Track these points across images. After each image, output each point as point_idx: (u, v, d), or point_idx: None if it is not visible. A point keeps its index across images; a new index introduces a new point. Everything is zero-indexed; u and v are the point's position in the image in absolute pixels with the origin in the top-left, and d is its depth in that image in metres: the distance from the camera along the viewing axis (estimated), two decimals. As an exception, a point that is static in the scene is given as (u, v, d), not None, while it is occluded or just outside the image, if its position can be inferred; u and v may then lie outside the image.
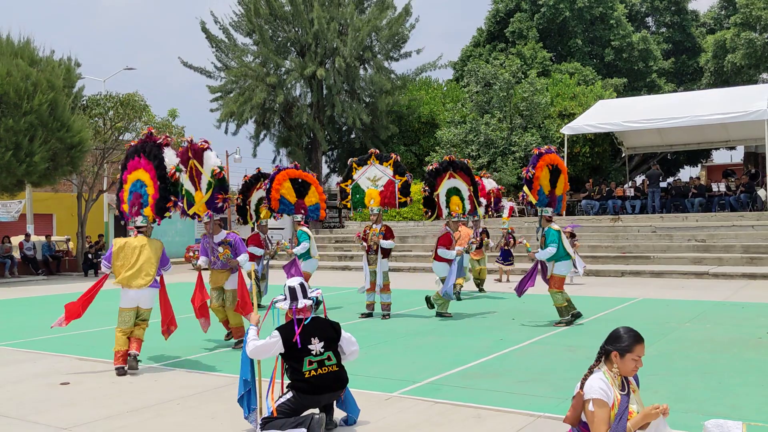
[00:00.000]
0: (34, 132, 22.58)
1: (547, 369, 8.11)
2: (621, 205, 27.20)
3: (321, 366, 5.80)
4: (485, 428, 5.93)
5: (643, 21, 45.76)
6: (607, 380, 4.14)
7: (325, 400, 5.87)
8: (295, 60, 36.64)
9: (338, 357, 5.96)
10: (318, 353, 5.81)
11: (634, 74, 40.74)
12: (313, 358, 5.79)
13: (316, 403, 5.84)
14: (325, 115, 36.47)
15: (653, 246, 22.25)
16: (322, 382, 5.78)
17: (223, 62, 38.00)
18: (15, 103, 22.12)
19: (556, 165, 11.84)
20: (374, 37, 36.71)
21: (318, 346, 5.82)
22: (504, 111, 33.49)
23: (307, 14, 35.79)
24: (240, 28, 37.74)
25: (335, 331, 6.00)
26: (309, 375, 5.75)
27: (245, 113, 36.39)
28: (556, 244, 11.20)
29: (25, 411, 6.75)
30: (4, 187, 24.38)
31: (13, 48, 23.72)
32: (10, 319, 13.94)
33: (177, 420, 6.36)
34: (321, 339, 5.86)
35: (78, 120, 24.85)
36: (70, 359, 9.37)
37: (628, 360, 4.18)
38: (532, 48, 39.46)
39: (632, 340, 4.22)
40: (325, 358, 5.84)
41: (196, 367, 8.68)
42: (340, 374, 5.92)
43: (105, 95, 31.89)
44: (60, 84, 23.95)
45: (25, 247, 26.28)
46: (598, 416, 4.05)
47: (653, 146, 31.99)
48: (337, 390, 5.89)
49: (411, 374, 7.95)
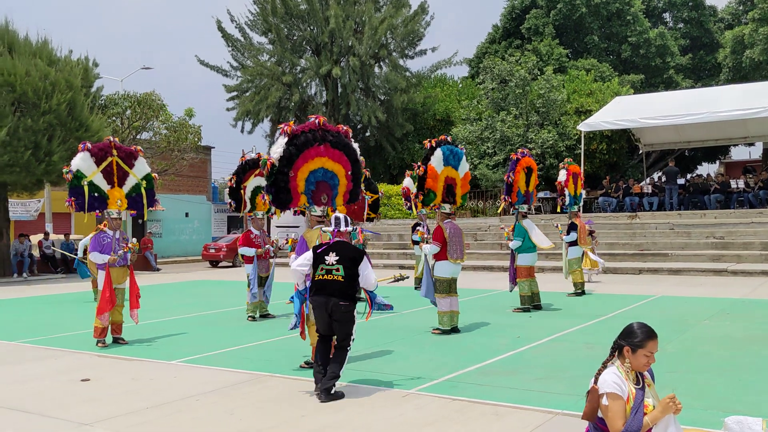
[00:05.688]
0: (53, 131, 22.76)
1: (565, 366, 8.10)
2: (638, 202, 27.03)
3: (328, 273, 7.12)
4: (503, 425, 5.93)
5: (661, 17, 45.48)
6: (620, 374, 4.14)
7: (324, 302, 7.04)
8: (311, 59, 36.73)
9: (349, 273, 7.11)
10: (330, 264, 7.15)
11: (651, 70, 40.50)
12: (324, 266, 7.17)
13: (323, 305, 7.05)
14: (340, 113, 36.54)
15: (671, 243, 22.11)
16: (325, 285, 7.10)
17: (239, 61, 38.17)
18: (34, 102, 22.30)
19: (529, 166, 13.31)
20: (390, 35, 36.73)
21: (332, 259, 7.17)
22: (520, 108, 33.39)
23: (323, 13, 35.86)
24: (256, 27, 37.90)
25: (357, 254, 7.27)
26: (318, 278, 7.18)
27: (261, 112, 36.54)
28: (521, 238, 12.80)
29: (46, 407, 6.83)
30: (24, 186, 24.61)
31: (31, 48, 23.90)
32: (31, 316, 14.08)
33: (196, 416, 6.42)
34: (338, 255, 7.18)
35: (96, 119, 25.01)
36: (90, 356, 9.46)
37: (640, 356, 4.16)
38: (548, 44, 39.31)
39: (645, 335, 4.20)
40: (334, 269, 7.13)
41: (215, 363, 8.73)
42: (343, 285, 7.09)
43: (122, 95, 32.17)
44: (78, 84, 24.11)
45: (44, 246, 26.50)
46: (612, 410, 4.05)
47: (671, 143, 31.76)
48: (336, 297, 7.02)
49: (428, 371, 7.97)
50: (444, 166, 10.73)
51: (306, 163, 8.37)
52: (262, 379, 7.77)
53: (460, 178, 11.10)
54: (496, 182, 31.69)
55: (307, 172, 8.41)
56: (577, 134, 30.09)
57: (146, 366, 8.75)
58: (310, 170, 8.42)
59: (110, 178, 10.34)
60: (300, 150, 8.28)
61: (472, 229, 26.59)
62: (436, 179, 10.60)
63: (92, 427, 6.16)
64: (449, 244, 10.57)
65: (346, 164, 8.74)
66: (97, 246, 10.10)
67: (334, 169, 8.64)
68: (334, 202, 8.80)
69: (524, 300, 12.90)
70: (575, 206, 15.64)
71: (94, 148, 10.26)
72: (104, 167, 10.25)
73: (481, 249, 24.90)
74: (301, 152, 8.29)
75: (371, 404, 6.66)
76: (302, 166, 8.35)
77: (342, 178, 8.74)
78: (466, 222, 28.15)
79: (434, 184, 10.59)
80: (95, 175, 10.16)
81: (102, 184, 10.24)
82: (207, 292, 18.53)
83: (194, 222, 39.14)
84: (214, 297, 16.86)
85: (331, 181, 8.65)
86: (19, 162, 21.80)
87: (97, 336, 10.09)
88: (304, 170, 8.38)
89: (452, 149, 10.92)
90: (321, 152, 8.44)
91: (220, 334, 11.11)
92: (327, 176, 8.60)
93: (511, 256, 13.18)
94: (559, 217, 23.70)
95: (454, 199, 11.04)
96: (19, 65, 22.29)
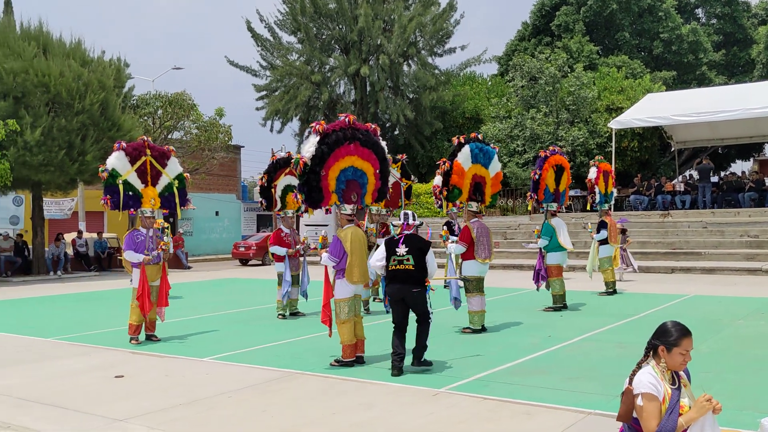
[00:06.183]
0: (86, 131, 23.09)
1: (597, 366, 8.03)
2: (670, 200, 26.71)
3: (400, 263, 8.02)
4: (535, 425, 5.90)
5: (693, 12, 44.88)
6: (656, 374, 4.09)
7: (399, 289, 7.98)
8: (340, 58, 36.79)
9: (418, 262, 7.96)
10: (401, 255, 8.02)
11: (683, 67, 39.99)
12: (396, 257, 8.06)
13: (397, 291, 7.99)
14: (369, 112, 36.57)
15: (704, 242, 21.83)
16: (397, 274, 8.02)
17: (269, 61, 38.35)
18: (67, 103, 22.63)
19: (560, 164, 13.08)
20: (418, 33, 36.67)
21: (402, 250, 8.04)
22: (550, 105, 33.16)
23: (352, 12, 35.91)
24: (285, 26, 38.05)
25: (424, 245, 8.11)
26: (391, 268, 8.07)
27: (290, 111, 36.70)
28: (549, 237, 12.63)
29: (81, 403, 6.93)
30: (58, 186, 24.97)
31: (65, 49, 24.26)
32: (65, 313, 14.29)
33: (229, 413, 6.47)
34: (407, 247, 8.05)
35: (128, 119, 25.33)
36: (123, 353, 9.58)
37: (676, 354, 4.11)
38: (578, 41, 38.99)
39: (679, 333, 4.14)
40: (405, 259, 8.01)
41: (246, 360, 8.79)
42: (413, 273, 7.97)
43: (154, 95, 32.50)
44: (110, 84, 24.42)
45: (77, 244, 26.88)
46: (647, 410, 4.00)
47: (704, 140, 31.34)
48: (408, 283, 7.94)
49: (458, 370, 7.95)
50: (472, 164, 10.62)
51: (337, 162, 8.41)
52: (294, 377, 7.81)
53: (490, 177, 10.99)
54: (526, 180, 31.49)
55: (338, 171, 8.45)
56: (608, 132, 29.81)
57: (179, 363, 8.84)
58: (340, 169, 8.47)
59: (144, 177, 10.46)
60: (331, 149, 8.32)
61: (501, 227, 26.48)
62: (462, 176, 10.52)
63: (127, 422, 6.24)
64: (476, 243, 10.50)
65: (375, 162, 8.77)
66: (131, 244, 10.22)
67: (363, 168, 8.67)
68: (363, 200, 8.82)
69: (556, 299, 12.81)
70: (606, 204, 15.50)
71: (129, 148, 10.37)
72: (138, 166, 10.36)
73: (511, 248, 24.77)
74: (333, 151, 8.33)
75: (402, 402, 6.67)
76: (333, 164, 8.39)
77: (371, 177, 8.77)
78: (496, 220, 28.04)
79: (460, 180, 10.51)
80: (130, 174, 10.27)
81: (136, 183, 10.36)
82: (237, 290, 18.67)
83: (224, 220, 39.45)
84: (245, 295, 16.99)
85: (360, 179, 8.69)
86: (53, 161, 22.14)
87: (132, 333, 10.22)
88: (335, 169, 8.41)
89: (482, 147, 10.83)
90: (351, 151, 8.47)
91: (251, 331, 11.19)
92: (357, 175, 8.64)
93: (540, 255, 13.04)
94: (589, 216, 23.51)
95: (482, 197, 10.93)
96: (54, 66, 22.63)
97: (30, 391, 7.48)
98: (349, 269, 8.30)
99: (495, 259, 13.64)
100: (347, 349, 8.32)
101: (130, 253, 10.18)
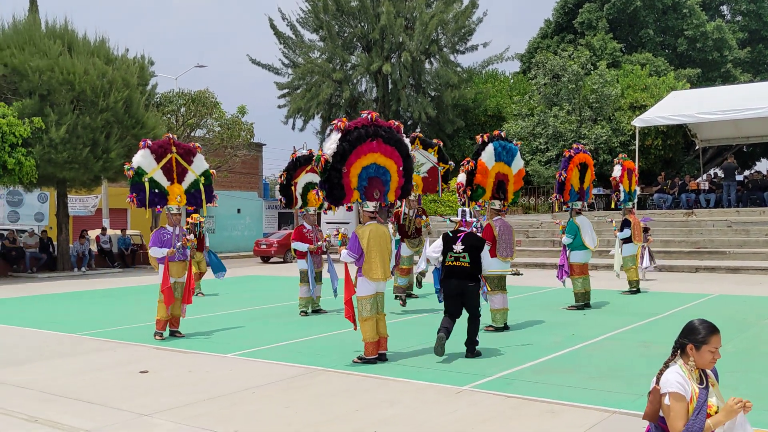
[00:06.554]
0: (110, 129, 23.25)
1: (621, 365, 7.98)
2: (695, 199, 26.47)
3: (456, 260, 8.60)
4: (559, 423, 5.87)
5: (718, 9, 44.36)
6: (683, 374, 4.05)
7: (455, 285, 8.57)
8: (361, 55, 36.83)
9: (474, 259, 8.56)
10: (457, 252, 8.60)
11: (708, 64, 39.55)
12: (453, 254, 8.64)
13: (455, 287, 8.57)
14: (391, 109, 36.56)
15: (729, 241, 21.61)
16: (453, 270, 8.61)
17: (291, 59, 38.46)
18: (92, 100, 22.81)
19: (584, 162, 13.11)
20: (440, 30, 36.60)
21: (458, 248, 8.61)
22: (573, 103, 32.97)
23: (374, 9, 35.92)
24: (307, 24, 38.13)
25: (479, 243, 8.74)
26: (448, 264, 8.67)
27: (312, 109, 36.78)
28: (573, 235, 12.72)
29: (107, 397, 6.99)
30: (82, 183, 25.18)
31: (89, 47, 24.44)
32: (89, 309, 14.42)
33: (253, 408, 6.50)
34: (463, 244, 8.61)
35: (152, 117, 25.47)
36: (148, 348, 9.65)
37: (705, 352, 4.07)
38: (601, 39, 38.69)
39: (708, 331, 4.10)
40: (461, 256, 8.58)
41: (269, 357, 8.83)
42: (469, 270, 8.56)
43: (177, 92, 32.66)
44: (134, 82, 24.58)
45: (101, 241, 27.12)
46: (674, 410, 3.96)
47: (728, 138, 31.02)
48: (465, 279, 8.53)
49: (481, 368, 7.93)
50: (495, 162, 10.61)
51: (359, 159, 8.40)
52: (316, 374, 7.83)
53: (512, 174, 10.97)
54: (549, 179, 31.35)
55: (359, 168, 8.44)
56: (632, 130, 29.58)
57: (202, 359, 8.89)
58: (362, 166, 8.45)
59: (170, 174, 10.51)
60: (353, 146, 8.31)
61: (523, 225, 26.38)
62: (486, 175, 10.49)
63: (152, 417, 6.29)
64: (499, 241, 10.50)
65: (398, 160, 8.75)
66: (157, 242, 10.31)
67: (386, 165, 8.65)
68: (386, 197, 8.82)
69: (578, 297, 12.78)
70: (630, 203, 15.39)
71: (155, 145, 10.43)
72: (164, 164, 10.42)
73: (533, 246, 24.68)
74: (354, 148, 8.32)
75: (425, 400, 6.66)
76: (355, 162, 8.38)
77: (394, 174, 8.75)
78: (518, 219, 27.93)
79: (483, 179, 10.49)
80: (155, 172, 10.32)
81: (162, 181, 10.42)
82: (259, 287, 18.75)
83: (246, 218, 39.58)
84: (266, 292, 17.06)
85: (383, 176, 8.67)
86: (77, 159, 22.33)
87: (160, 328, 10.29)
88: (357, 166, 8.40)
89: (505, 145, 10.80)
90: (373, 148, 8.46)
91: (273, 328, 11.23)
92: (379, 172, 8.62)
93: (563, 250, 13.04)
94: (612, 214, 23.35)
95: (505, 195, 10.92)
96: (78, 64, 22.82)
97: (56, 385, 7.56)
98: (369, 267, 8.30)
99: (517, 257, 13.61)
100: (370, 346, 8.33)
101: (155, 249, 10.27)
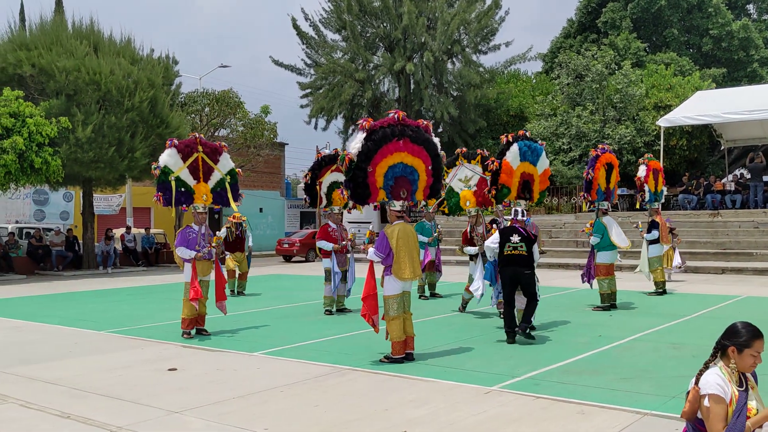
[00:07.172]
0: (135, 128, 23.44)
1: (651, 366, 7.91)
2: (720, 199, 26.18)
3: (514, 249, 9.57)
4: (590, 425, 5.83)
5: (744, 8, 43.91)
6: (723, 376, 4.00)
7: (513, 271, 9.58)
8: (384, 55, 36.85)
9: (529, 249, 9.58)
10: (515, 242, 9.57)
11: (734, 64, 39.16)
12: (510, 244, 9.59)
13: (513, 273, 9.58)
14: (413, 109, 36.52)
15: (756, 242, 21.36)
16: (511, 258, 9.59)
17: (313, 59, 38.56)
18: (117, 100, 23.00)
19: (610, 162, 13.08)
20: (463, 30, 36.52)
21: (515, 239, 9.59)
22: (596, 103, 32.76)
23: (396, 9, 35.92)
24: (330, 24, 38.19)
25: (532, 236, 9.76)
26: (506, 253, 9.62)
27: (334, 109, 36.85)
28: (600, 235, 12.75)
29: (137, 395, 7.03)
30: (107, 182, 25.41)
31: (115, 47, 24.66)
32: (116, 307, 14.53)
33: (282, 407, 6.51)
34: (519, 236, 9.58)
35: (176, 116, 25.64)
36: (175, 346, 9.71)
37: (747, 356, 4.02)
38: (625, 38, 38.43)
39: (751, 335, 4.05)
40: (519, 246, 9.55)
41: (296, 355, 8.85)
42: (525, 257, 9.56)
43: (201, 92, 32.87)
44: (159, 82, 24.75)
45: (126, 240, 27.33)
46: (714, 412, 3.91)
47: (755, 138, 30.62)
48: (521, 266, 9.54)
49: (509, 369, 7.90)
50: (520, 162, 10.54)
51: (384, 159, 8.38)
52: (344, 372, 7.83)
53: (538, 174, 10.90)
54: (572, 179, 31.17)
55: (385, 168, 8.42)
56: (656, 130, 29.32)
57: (229, 357, 8.93)
58: (388, 165, 8.44)
59: (196, 173, 10.59)
60: (378, 145, 8.29)
61: (546, 226, 26.24)
62: (511, 175, 10.44)
63: (182, 414, 6.32)
64: None
65: (427, 159, 8.73)
66: (183, 241, 10.36)
67: (413, 164, 8.63)
68: (414, 197, 8.80)
69: (604, 298, 12.73)
70: (656, 203, 15.25)
71: (181, 145, 10.52)
72: (190, 163, 10.50)
73: (556, 246, 24.54)
74: (379, 147, 8.30)
75: (453, 399, 6.64)
76: (380, 161, 8.36)
77: (422, 173, 8.73)
78: (541, 219, 27.78)
79: (508, 179, 10.43)
80: (182, 171, 10.41)
81: (188, 180, 10.50)
82: (283, 285, 18.79)
83: (268, 217, 39.71)
84: (290, 291, 17.09)
85: (410, 176, 8.66)
86: (103, 158, 22.53)
87: (185, 327, 10.35)
88: (382, 165, 8.39)
89: (530, 144, 10.72)
90: (400, 147, 8.44)
91: (299, 327, 11.25)
92: (406, 171, 8.60)
93: (591, 252, 13.00)
94: (636, 215, 23.17)
95: (530, 195, 10.86)
96: (104, 64, 23.03)
97: (87, 382, 7.62)
98: (398, 266, 8.29)
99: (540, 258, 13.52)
100: (397, 345, 8.32)
101: (182, 249, 10.33)
